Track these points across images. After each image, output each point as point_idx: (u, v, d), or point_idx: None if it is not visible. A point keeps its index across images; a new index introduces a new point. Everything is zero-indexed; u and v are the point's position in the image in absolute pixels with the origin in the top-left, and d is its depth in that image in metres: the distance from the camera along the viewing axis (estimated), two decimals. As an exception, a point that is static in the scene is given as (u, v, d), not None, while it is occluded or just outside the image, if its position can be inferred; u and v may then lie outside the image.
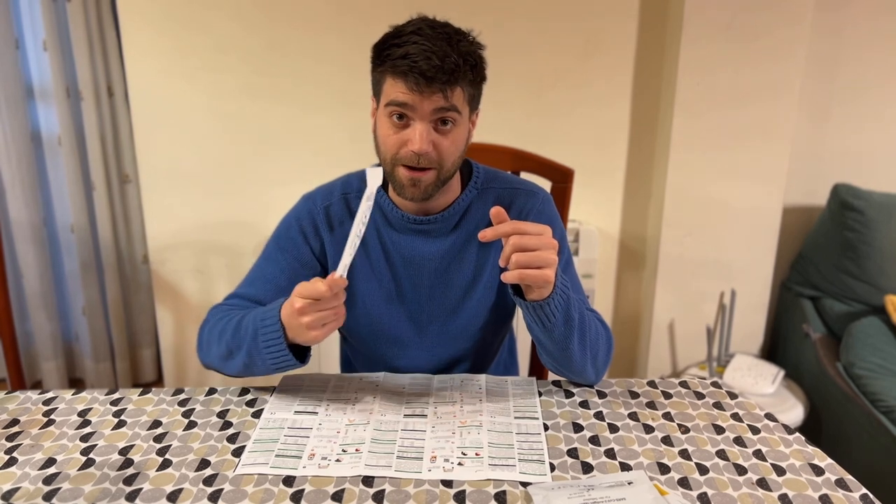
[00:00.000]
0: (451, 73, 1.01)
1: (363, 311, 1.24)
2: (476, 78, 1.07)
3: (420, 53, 1.00)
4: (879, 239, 2.15)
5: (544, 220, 1.18)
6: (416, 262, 1.20)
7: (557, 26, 2.21)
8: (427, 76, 1.00)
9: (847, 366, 2.00)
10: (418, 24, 1.03)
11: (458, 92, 1.04)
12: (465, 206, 1.19)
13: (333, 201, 1.22)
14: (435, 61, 0.99)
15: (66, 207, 2.45)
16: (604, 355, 1.14)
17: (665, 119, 2.23)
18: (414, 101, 1.03)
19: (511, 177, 1.25)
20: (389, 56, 1.02)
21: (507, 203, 1.21)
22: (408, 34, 1.02)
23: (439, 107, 1.03)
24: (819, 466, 0.92)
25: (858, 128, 2.38)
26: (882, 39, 2.29)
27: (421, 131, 1.04)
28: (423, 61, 0.99)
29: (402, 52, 1.01)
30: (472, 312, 1.24)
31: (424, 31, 1.01)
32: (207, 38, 2.17)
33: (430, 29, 1.02)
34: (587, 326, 1.09)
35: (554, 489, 0.85)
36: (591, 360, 1.11)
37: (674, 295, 2.36)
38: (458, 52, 1.01)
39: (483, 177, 1.22)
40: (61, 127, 2.34)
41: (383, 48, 1.04)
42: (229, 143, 2.27)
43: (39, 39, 2.26)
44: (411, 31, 1.02)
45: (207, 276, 2.40)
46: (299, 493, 0.86)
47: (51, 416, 1.05)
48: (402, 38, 1.02)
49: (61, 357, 2.61)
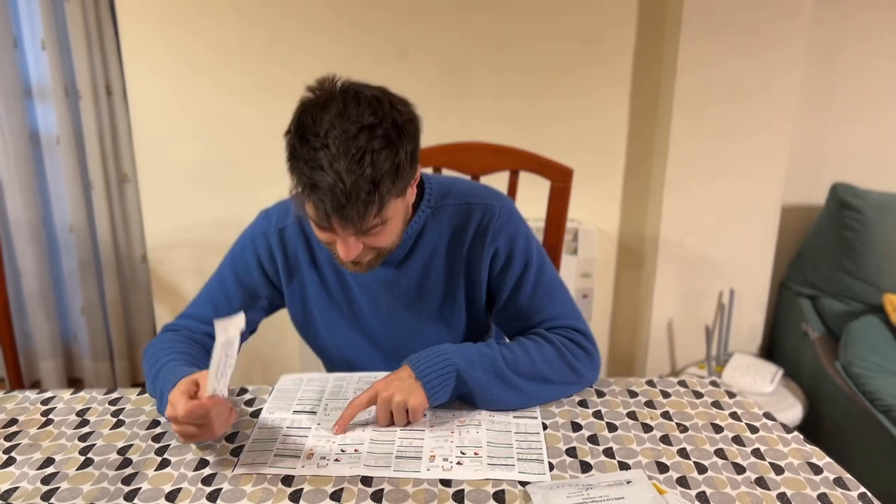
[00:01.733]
0: (363, 207, 0.92)
1: (327, 340, 1.23)
2: (400, 180, 0.96)
3: (326, 189, 0.90)
4: (878, 238, 2.15)
5: (503, 238, 1.14)
6: (372, 288, 1.17)
7: (556, 24, 2.20)
8: (337, 214, 0.92)
9: (846, 365, 2.01)
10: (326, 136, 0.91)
11: (374, 214, 0.94)
12: (419, 228, 1.14)
13: (288, 224, 1.19)
14: (341, 200, 0.90)
15: (64, 207, 2.44)
16: (561, 370, 1.08)
17: (664, 118, 2.23)
18: (329, 235, 0.98)
19: (466, 188, 1.18)
20: (299, 176, 0.93)
21: (462, 221, 1.15)
22: (315, 149, 0.91)
23: (356, 232, 0.96)
24: (817, 465, 0.92)
25: (857, 127, 2.38)
26: (881, 38, 2.29)
27: (344, 245, 0.98)
28: (328, 200, 0.91)
29: (310, 180, 0.92)
30: (441, 334, 1.20)
31: (331, 148, 0.90)
32: (206, 37, 2.17)
33: (341, 143, 0.90)
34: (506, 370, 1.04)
35: (553, 488, 0.85)
36: (552, 390, 1.08)
37: (673, 294, 2.36)
38: (373, 175, 0.91)
39: (436, 193, 1.15)
40: (60, 126, 2.34)
41: (293, 157, 0.94)
42: (228, 143, 2.27)
43: (38, 39, 2.26)
44: (318, 145, 0.91)
45: (206, 276, 2.35)
46: (298, 492, 0.86)
47: (49, 416, 1.05)
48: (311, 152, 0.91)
49: (60, 357, 2.61)
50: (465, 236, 1.15)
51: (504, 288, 1.16)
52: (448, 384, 1.02)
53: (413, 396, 0.99)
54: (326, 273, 1.19)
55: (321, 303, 1.21)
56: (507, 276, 1.15)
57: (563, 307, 1.16)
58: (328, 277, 1.19)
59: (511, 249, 1.14)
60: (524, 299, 1.15)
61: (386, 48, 2.19)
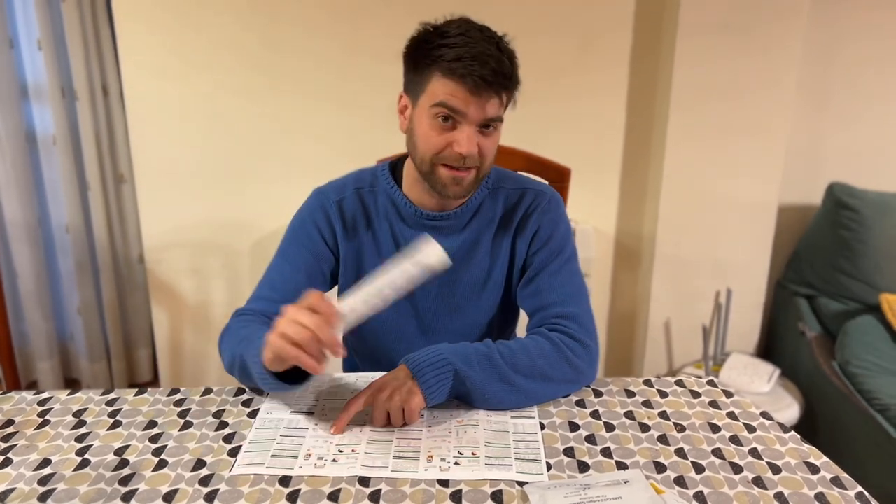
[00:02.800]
0: (507, 77, 1.02)
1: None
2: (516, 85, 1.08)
3: (477, 57, 1.00)
4: (874, 237, 2.15)
5: (547, 219, 1.21)
6: None
7: (553, 24, 2.20)
8: (487, 81, 1.00)
9: (842, 364, 2.01)
10: (463, 26, 1.02)
11: (506, 97, 1.06)
12: (478, 205, 1.21)
13: (346, 195, 1.22)
14: (492, 65, 1.00)
15: (61, 207, 2.44)
16: (559, 366, 1.08)
17: (661, 117, 2.23)
18: (466, 107, 1.03)
19: (521, 176, 1.27)
20: (442, 57, 1.01)
21: (516, 202, 1.23)
22: (455, 35, 1.01)
23: (488, 116, 1.05)
24: (814, 465, 0.92)
25: (854, 127, 2.39)
26: (879, 38, 2.30)
27: (469, 135, 1.05)
28: (479, 66, 0.99)
29: (454, 53, 1.00)
30: (479, 311, 1.25)
31: (472, 33, 1.01)
32: (202, 36, 2.16)
33: (478, 32, 1.02)
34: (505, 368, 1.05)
35: (550, 488, 0.85)
36: (551, 387, 1.08)
37: (670, 294, 2.36)
38: (508, 56, 1.03)
39: (494, 176, 1.23)
40: (56, 126, 2.33)
41: (430, 47, 1.03)
42: (225, 143, 2.27)
43: (34, 39, 2.25)
44: (458, 32, 1.01)
45: (203, 276, 2.39)
46: (295, 493, 0.86)
47: (46, 417, 1.05)
48: (450, 38, 1.01)
49: (56, 357, 2.60)
50: (516, 216, 1.22)
51: (534, 265, 1.21)
52: (445, 383, 1.02)
53: (410, 397, 0.99)
54: (383, 241, 1.22)
55: (372, 268, 1.19)
56: (539, 255, 1.20)
57: (575, 295, 1.18)
58: (385, 245, 1.22)
59: (552, 232, 1.21)
60: (545, 277, 1.19)
61: (383, 47, 2.19)
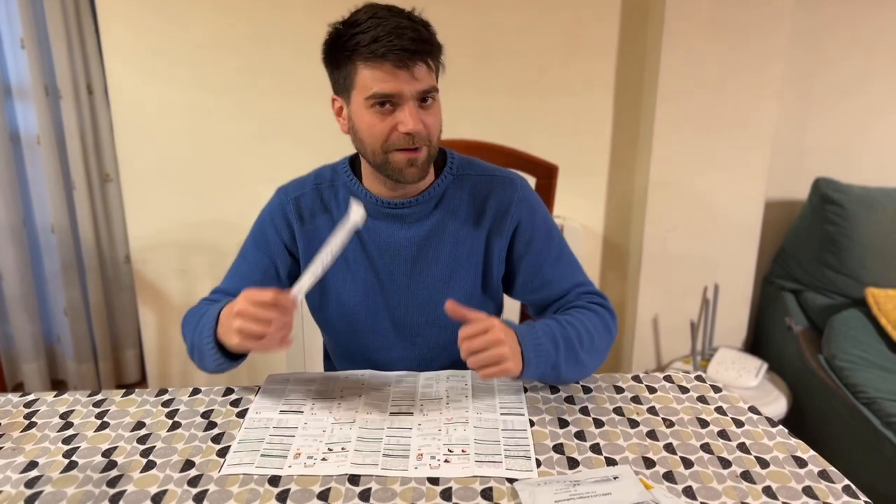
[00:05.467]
0: (428, 42, 1.02)
1: (338, 306, 1.24)
2: (438, 57, 1.08)
3: (392, 31, 0.99)
4: (860, 232, 2.17)
5: (525, 211, 1.20)
6: (391, 249, 1.19)
7: (539, 20, 2.20)
8: (409, 50, 1.00)
9: (829, 358, 2.02)
10: (370, 10, 1.02)
11: (430, 67, 1.05)
12: (441, 192, 1.19)
13: (305, 192, 1.22)
14: (409, 34, 0.99)
15: (45, 207, 2.42)
16: (603, 339, 1.15)
17: (647, 115, 2.24)
18: (399, 87, 1.02)
19: (485, 164, 1.25)
20: (358, 44, 1.01)
21: (484, 192, 1.20)
22: (365, 21, 1.01)
23: (420, 88, 1.04)
24: (802, 458, 0.93)
25: (839, 122, 2.40)
26: (862, 34, 2.31)
27: (411, 111, 1.04)
28: (397, 38, 0.99)
29: (369, 36, 1.00)
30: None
31: (380, 13, 1.01)
32: (187, 34, 2.15)
33: (385, 11, 1.01)
34: (578, 348, 1.10)
35: (540, 485, 0.85)
36: (597, 359, 1.14)
37: (657, 290, 2.37)
38: (422, 24, 1.03)
39: (458, 163, 1.22)
40: (40, 126, 2.31)
41: (344, 40, 1.03)
42: (211, 142, 2.25)
43: (17, 37, 2.23)
44: (367, 17, 1.01)
45: (190, 276, 2.38)
46: (285, 492, 0.86)
47: (32, 419, 1.04)
48: (361, 25, 1.01)
49: (43, 359, 2.58)
50: (488, 207, 1.19)
51: (528, 259, 1.21)
52: (539, 370, 1.05)
53: (512, 362, 1.00)
54: None
55: (336, 266, 1.21)
56: (532, 248, 1.20)
57: (580, 271, 1.24)
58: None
59: (534, 222, 1.20)
60: (549, 267, 1.21)
61: (370, 46, 2.18)
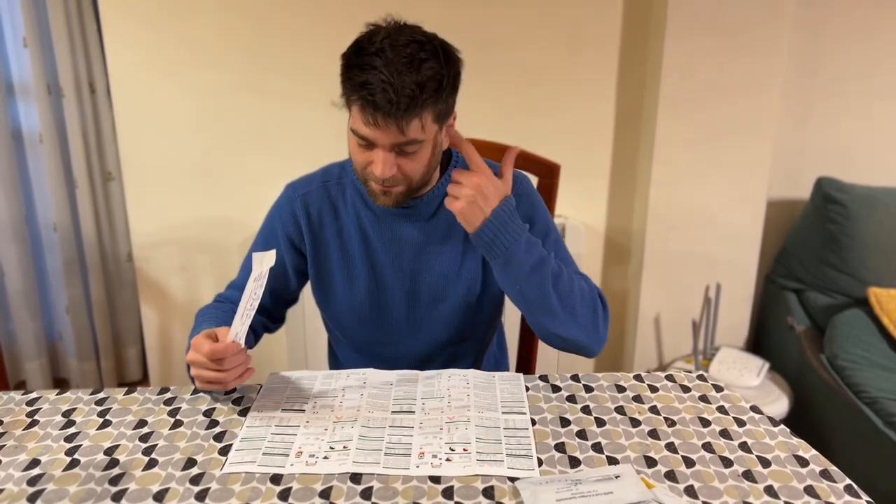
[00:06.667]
0: (406, 107, 0.99)
1: (344, 303, 1.25)
2: (442, 96, 1.03)
3: (377, 84, 0.97)
4: (862, 232, 2.17)
5: (525, 204, 1.21)
6: (396, 246, 1.21)
7: (542, 22, 2.20)
8: (382, 111, 0.98)
9: (831, 358, 2.02)
10: (381, 43, 0.99)
11: (416, 123, 1.02)
12: (444, 191, 1.19)
13: (312, 188, 1.23)
14: (390, 94, 0.97)
15: (48, 205, 2.42)
16: (587, 313, 1.14)
17: (649, 113, 2.24)
18: (373, 135, 1.03)
19: (489, 162, 1.24)
20: (350, 80, 1.01)
21: None
22: (370, 55, 0.99)
23: (396, 142, 1.03)
24: (804, 458, 0.93)
25: (841, 121, 2.40)
26: (864, 33, 2.31)
27: (383, 159, 1.04)
28: (379, 94, 0.97)
29: (361, 79, 0.99)
30: (457, 298, 1.25)
31: (386, 53, 0.98)
32: (190, 32, 2.15)
33: (392, 50, 0.99)
34: (551, 274, 1.11)
35: (542, 484, 0.85)
36: (570, 315, 1.12)
37: (659, 289, 2.37)
38: (418, 78, 0.99)
39: (462, 162, 1.23)
40: (42, 124, 2.31)
41: (347, 67, 1.02)
42: (213, 140, 2.25)
43: (19, 36, 2.23)
44: (374, 51, 0.99)
45: (192, 274, 2.38)
46: (287, 491, 0.86)
47: (34, 417, 1.04)
48: (364, 58, 1.00)
49: (45, 357, 2.58)
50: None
51: None
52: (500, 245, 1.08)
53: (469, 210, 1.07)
54: (352, 234, 1.23)
55: (342, 262, 1.23)
56: None
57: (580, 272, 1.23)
58: (353, 238, 1.23)
59: (532, 217, 1.21)
60: None
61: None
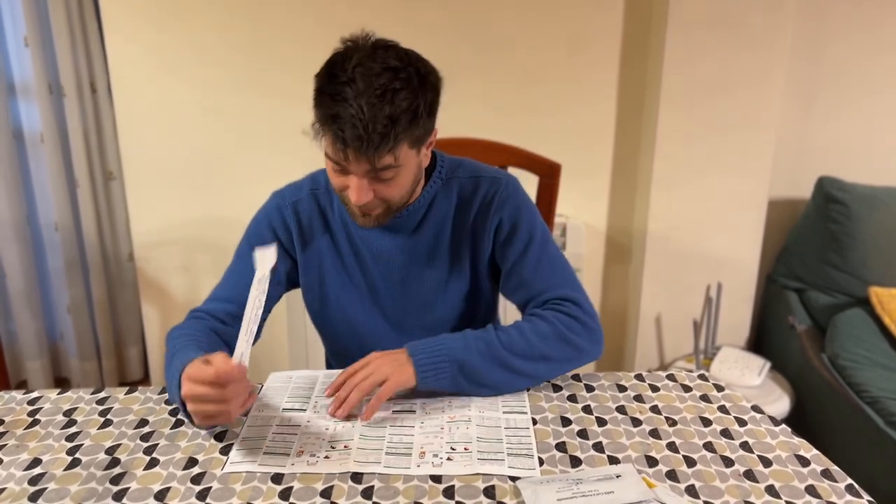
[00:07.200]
0: (378, 143, 0.96)
1: (338, 312, 1.25)
2: (418, 124, 1.01)
3: (347, 119, 0.95)
4: (863, 231, 2.17)
5: (508, 208, 1.19)
6: (385, 257, 1.21)
7: (543, 21, 2.20)
8: (352, 147, 0.97)
9: (832, 357, 2.02)
10: (353, 71, 0.96)
11: (388, 157, 1.00)
12: (430, 199, 1.19)
13: (302, 197, 1.22)
14: (359, 131, 0.95)
15: (49, 205, 2.42)
16: (559, 347, 1.10)
17: (650, 112, 2.24)
18: (346, 162, 1.01)
19: (475, 164, 1.24)
20: (321, 109, 0.99)
21: (470, 193, 1.20)
22: (341, 83, 0.96)
23: (368, 169, 1.01)
24: (805, 457, 0.93)
25: (843, 121, 2.40)
26: (866, 32, 2.31)
27: (357, 186, 1.02)
28: (348, 130, 0.95)
29: (332, 112, 0.96)
30: (449, 305, 1.24)
31: (357, 83, 0.95)
32: (192, 32, 2.15)
33: (364, 80, 0.95)
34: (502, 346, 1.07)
35: (542, 483, 0.85)
36: (546, 362, 1.10)
37: (660, 288, 2.37)
38: (391, 111, 0.96)
39: (447, 167, 1.21)
40: (44, 124, 2.31)
41: (319, 93, 0.99)
42: (215, 139, 2.25)
43: (20, 35, 2.23)
44: (345, 80, 0.96)
45: (193, 274, 2.38)
46: (288, 490, 0.86)
47: (36, 416, 1.04)
48: (336, 87, 0.96)
49: (46, 356, 2.59)
50: (472, 207, 1.19)
51: (509, 258, 1.20)
52: (442, 368, 1.04)
53: (399, 373, 1.02)
54: (341, 242, 1.22)
55: (334, 271, 1.23)
56: (512, 247, 1.19)
57: (564, 278, 1.19)
58: (342, 247, 1.22)
59: (515, 221, 1.19)
60: (529, 270, 1.19)
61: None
